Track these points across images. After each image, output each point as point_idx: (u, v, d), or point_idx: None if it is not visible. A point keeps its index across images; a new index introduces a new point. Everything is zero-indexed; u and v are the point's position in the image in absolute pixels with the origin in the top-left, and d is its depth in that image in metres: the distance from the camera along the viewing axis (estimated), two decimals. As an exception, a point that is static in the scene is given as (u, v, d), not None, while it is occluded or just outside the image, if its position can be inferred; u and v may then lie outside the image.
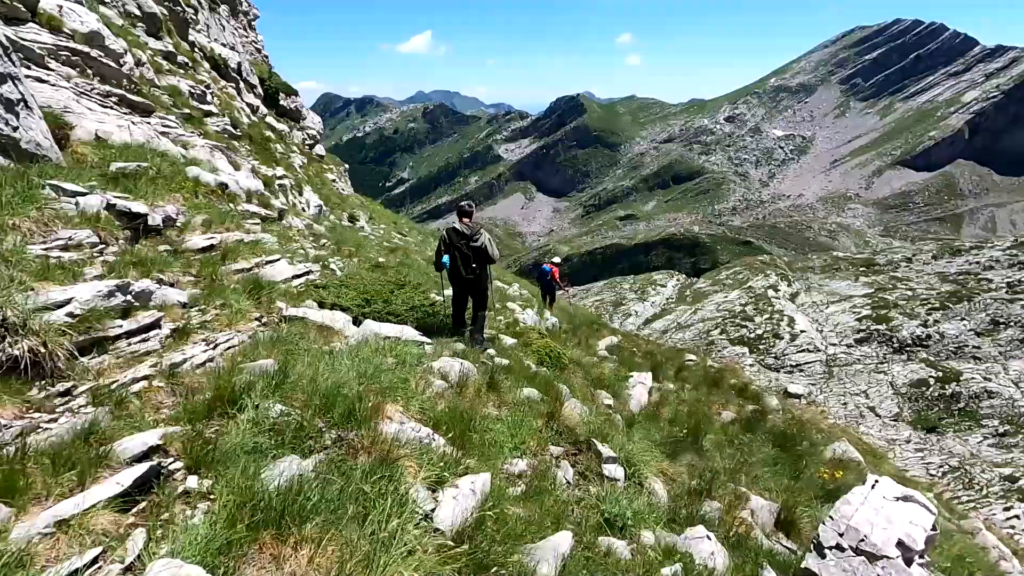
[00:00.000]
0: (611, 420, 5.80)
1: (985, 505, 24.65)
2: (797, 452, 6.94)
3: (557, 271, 16.83)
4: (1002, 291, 41.53)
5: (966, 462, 28.80)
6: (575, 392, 5.88)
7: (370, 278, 6.75)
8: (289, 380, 3.39)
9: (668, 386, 9.22)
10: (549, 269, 16.81)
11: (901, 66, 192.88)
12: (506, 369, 5.52)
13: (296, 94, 36.24)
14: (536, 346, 6.98)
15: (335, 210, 19.80)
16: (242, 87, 27.17)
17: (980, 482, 26.80)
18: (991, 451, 29.73)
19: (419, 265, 12.15)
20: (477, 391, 4.48)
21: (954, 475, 27.55)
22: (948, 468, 28.37)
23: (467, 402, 4.19)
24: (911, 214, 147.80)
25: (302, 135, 33.58)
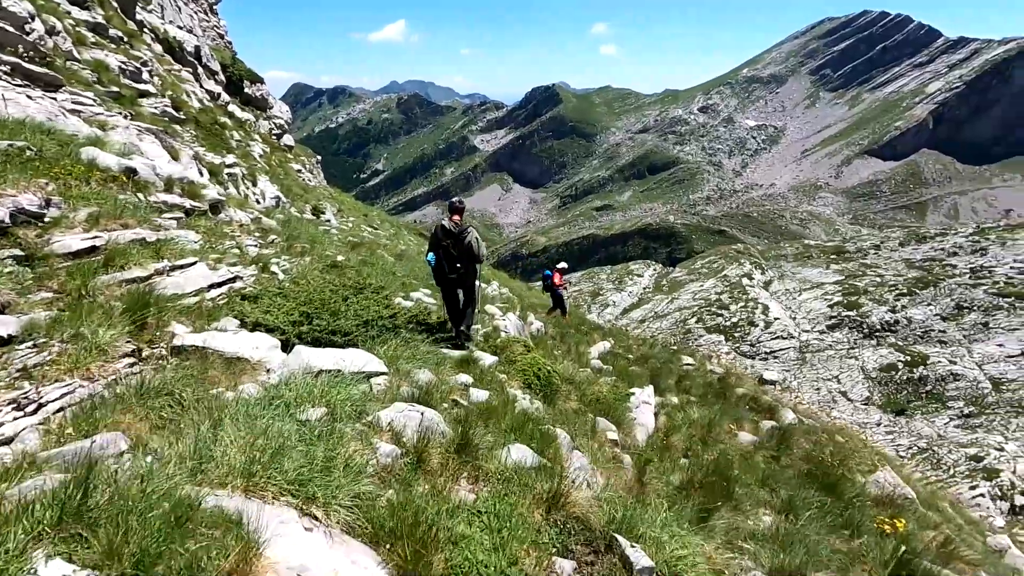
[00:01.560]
0: (620, 464, 4.62)
1: (952, 484, 25.18)
2: (840, 489, 5.81)
3: (559, 276, 15.62)
4: (965, 276, 42.56)
5: (933, 443, 29.41)
6: (575, 434, 4.57)
7: (320, 283, 5.97)
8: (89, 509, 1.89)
9: (671, 400, 8.37)
10: (551, 273, 15.71)
11: (868, 57, 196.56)
12: (486, 411, 4.07)
13: (262, 82, 34.98)
14: (521, 364, 5.82)
15: (296, 202, 18.87)
16: (201, 72, 25.88)
17: (947, 462, 27.40)
18: (956, 432, 30.42)
19: (386, 264, 11.36)
20: (444, 461, 3.07)
21: (922, 456, 28.10)
22: (916, 449, 28.95)
23: (427, 484, 2.86)
24: (878, 202, 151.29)
25: (269, 124, 32.32)
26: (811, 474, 5.85)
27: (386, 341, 4.63)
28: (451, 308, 6.80)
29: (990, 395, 32.28)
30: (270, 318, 4.35)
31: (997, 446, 27.90)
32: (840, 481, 5.94)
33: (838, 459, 6.62)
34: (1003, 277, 41.44)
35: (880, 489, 6.31)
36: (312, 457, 2.42)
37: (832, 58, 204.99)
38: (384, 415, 3.23)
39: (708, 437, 6.53)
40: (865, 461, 7.28)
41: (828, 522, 4.69)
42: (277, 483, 2.15)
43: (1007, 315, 37.23)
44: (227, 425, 2.50)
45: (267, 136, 30.27)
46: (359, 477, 2.45)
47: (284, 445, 2.43)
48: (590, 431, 5.05)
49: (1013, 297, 38.32)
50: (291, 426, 2.66)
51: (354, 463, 2.54)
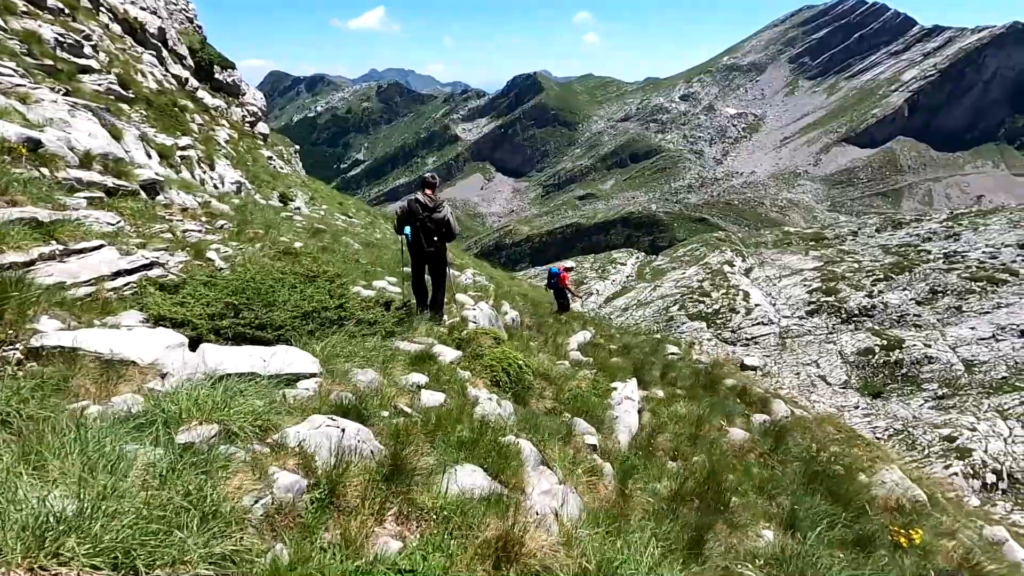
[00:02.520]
0: (599, 476, 3.92)
1: (927, 464, 25.47)
2: (846, 494, 5.28)
3: (567, 277, 15.01)
4: (939, 262, 43.15)
5: (909, 424, 29.79)
6: (546, 443, 3.81)
7: (263, 271, 5.30)
8: None
9: (657, 393, 7.77)
10: (558, 271, 14.99)
11: (846, 45, 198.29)
12: (437, 420, 3.34)
13: (233, 67, 33.71)
14: (489, 358, 5.24)
15: (263, 189, 17.97)
16: (167, 56, 24.75)
17: (922, 443, 27.74)
18: (931, 413, 30.82)
19: (349, 250, 10.62)
20: (366, 493, 2.31)
21: (898, 437, 28.43)
22: (893, 431, 29.28)
23: (339, 528, 2.14)
24: (856, 189, 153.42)
25: (242, 112, 31.20)
26: (814, 478, 5.31)
27: (327, 336, 3.96)
28: (418, 283, 6.79)
29: (963, 377, 32.77)
30: (182, 311, 3.64)
31: (969, 426, 28.32)
32: (845, 485, 5.43)
33: (840, 459, 6.11)
34: (975, 262, 42.08)
35: (888, 491, 5.80)
36: (157, 504, 1.68)
37: (811, 46, 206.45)
38: (295, 432, 2.48)
39: (697, 435, 5.96)
40: (865, 456, 6.82)
41: (836, 536, 4.16)
42: (86, 551, 1.39)
43: (979, 299, 37.79)
44: (48, 459, 1.74)
45: (239, 123, 29.21)
46: (231, 529, 1.75)
47: (114, 488, 1.66)
48: (565, 436, 4.37)
49: (985, 281, 38.91)
50: (152, 454, 1.94)
51: (230, 507, 1.84)
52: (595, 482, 3.73)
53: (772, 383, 30.90)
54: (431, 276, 6.86)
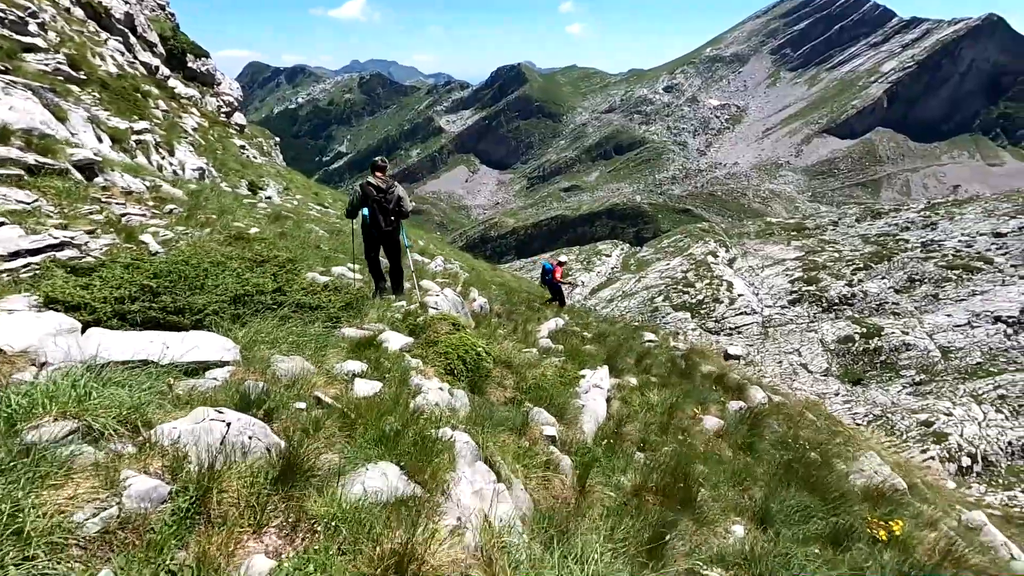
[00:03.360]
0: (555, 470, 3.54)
1: (905, 449, 25.85)
2: (822, 484, 5.01)
3: (560, 270, 14.87)
4: (917, 250, 43.78)
5: (888, 411, 30.23)
6: (487, 439, 3.32)
7: (201, 254, 4.90)
8: None
9: (630, 381, 7.42)
10: (551, 267, 14.84)
11: (826, 37, 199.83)
12: (364, 411, 2.89)
13: (207, 56, 32.84)
14: (445, 345, 4.92)
15: (230, 177, 17.37)
16: (135, 43, 24.00)
17: (900, 428, 28.17)
18: (909, 399, 31.32)
19: (312, 237, 10.15)
20: (247, 500, 1.94)
21: (877, 423, 28.84)
22: (872, 417, 29.70)
23: (200, 544, 1.75)
24: (836, 180, 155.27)
25: (217, 102, 30.39)
26: (789, 467, 5.01)
27: (258, 320, 3.57)
28: (373, 264, 7.04)
29: (939, 363, 33.32)
30: (82, 294, 3.22)
31: (946, 411, 28.80)
32: (822, 474, 5.16)
33: (816, 445, 5.85)
34: (951, 250, 42.76)
35: (867, 479, 5.59)
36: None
37: (792, 37, 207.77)
38: (170, 429, 2.08)
39: (669, 424, 5.67)
40: (844, 442, 6.60)
41: (812, 530, 3.88)
42: None
43: (955, 286, 38.40)
44: None
45: (213, 113, 28.51)
46: (33, 551, 1.35)
47: None
48: (521, 428, 4.00)
49: (960, 269, 39.54)
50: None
51: (50, 524, 1.45)
52: (550, 478, 3.38)
53: (755, 372, 31.10)
54: (388, 256, 7.09)
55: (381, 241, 6.88)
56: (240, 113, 33.70)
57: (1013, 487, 24.61)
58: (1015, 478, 25.17)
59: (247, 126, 38.58)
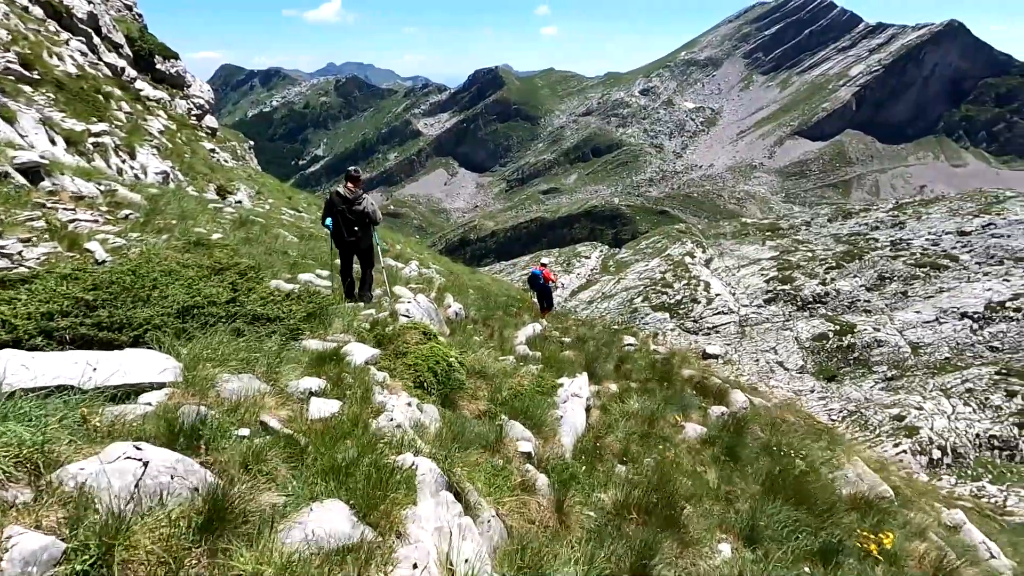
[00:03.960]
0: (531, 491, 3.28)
1: (878, 443, 26.41)
2: (809, 495, 4.79)
3: (549, 273, 15.16)
4: (886, 249, 44.94)
5: (861, 406, 30.85)
6: (453, 462, 2.97)
7: (151, 262, 4.56)
8: None
9: (610, 388, 7.26)
10: (540, 272, 15.09)
11: (797, 41, 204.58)
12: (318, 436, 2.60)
13: (177, 58, 32.06)
14: (414, 356, 4.63)
15: (197, 181, 16.82)
16: (99, 43, 23.35)
17: (873, 423, 28.78)
18: (881, 394, 32.04)
19: (280, 242, 9.77)
20: (152, 559, 1.60)
21: (852, 418, 29.43)
22: (847, 412, 30.29)
23: None
24: (808, 181, 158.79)
25: (187, 104, 29.66)
26: (774, 478, 4.83)
27: (207, 335, 3.27)
28: (345, 273, 7.11)
29: (910, 359, 34.18)
30: (2, 309, 2.88)
31: (916, 405, 29.52)
32: (809, 484, 4.99)
33: (800, 451, 5.74)
34: (919, 249, 43.98)
35: (853, 487, 5.47)
36: None
37: (764, 42, 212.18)
38: (77, 470, 1.75)
39: (650, 433, 5.51)
40: (827, 446, 6.51)
41: (801, 547, 3.72)
42: None
43: (923, 284, 39.49)
44: None
45: (184, 116, 27.87)
46: None
47: None
48: (494, 444, 3.75)
49: (928, 267, 40.69)
50: None
51: None
52: (526, 500, 3.16)
53: (733, 371, 31.42)
54: (360, 263, 7.20)
55: (350, 249, 7.00)
56: (212, 116, 32.92)
57: (981, 478, 25.30)
58: (983, 469, 25.87)
59: (219, 129, 37.72)
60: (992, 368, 31.34)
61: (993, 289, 36.60)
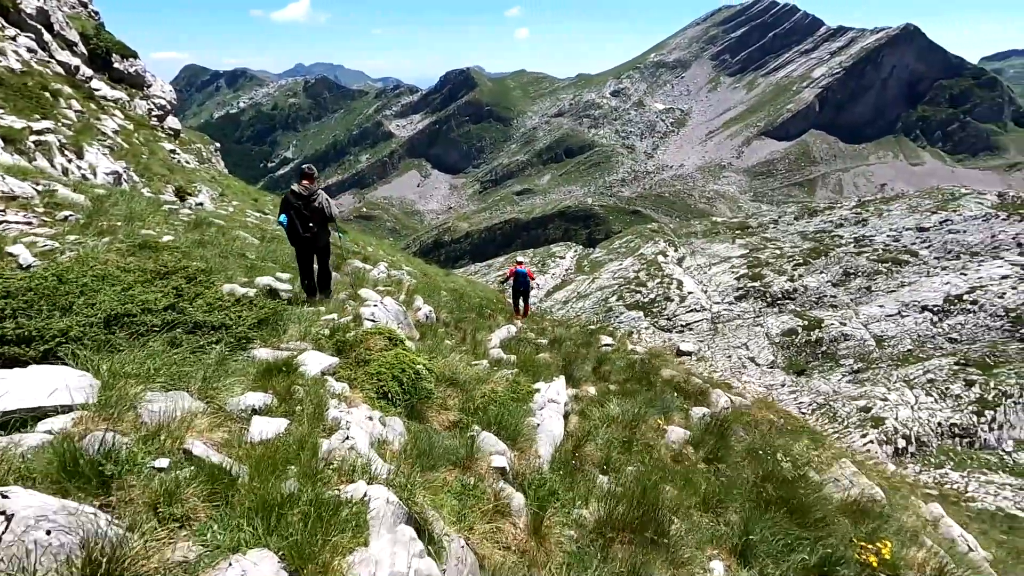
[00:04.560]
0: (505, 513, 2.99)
1: (846, 435, 27.00)
2: (803, 502, 4.57)
3: (532, 272, 15.66)
4: (850, 246, 46.17)
5: (830, 399, 31.54)
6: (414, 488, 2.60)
7: (85, 267, 4.11)
8: None
9: (588, 391, 7.01)
10: (525, 271, 15.47)
11: (761, 44, 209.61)
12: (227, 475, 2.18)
13: (136, 57, 30.90)
14: (378, 364, 4.29)
15: (154, 182, 16.08)
16: (50, 41, 22.35)
17: (841, 415, 29.43)
18: (848, 387, 32.82)
19: (238, 244, 9.25)
20: None
21: (821, 411, 30.04)
22: (816, 405, 30.92)
23: None
24: (775, 180, 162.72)
25: (147, 104, 28.60)
26: (763, 485, 4.59)
27: (135, 347, 2.87)
28: (304, 271, 7.05)
29: (874, 352, 35.12)
30: None
31: (882, 397, 30.32)
32: (799, 490, 4.74)
33: (785, 453, 5.56)
34: (881, 245, 45.34)
35: (844, 492, 5.27)
36: None
37: (730, 44, 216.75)
38: None
39: (632, 439, 5.27)
40: (814, 447, 6.37)
41: (798, 561, 3.49)
42: None
43: (886, 279, 40.67)
44: None
45: (144, 117, 26.90)
46: None
47: None
48: (465, 460, 3.41)
49: (890, 262, 41.95)
50: None
51: None
52: (500, 524, 2.84)
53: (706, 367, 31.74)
54: (316, 258, 7.14)
55: (306, 246, 6.95)
56: (174, 117, 31.79)
57: (944, 465, 26.06)
58: (945, 456, 26.67)
59: (182, 131, 36.40)
60: (951, 359, 32.42)
61: (951, 283, 37.90)
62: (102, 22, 31.79)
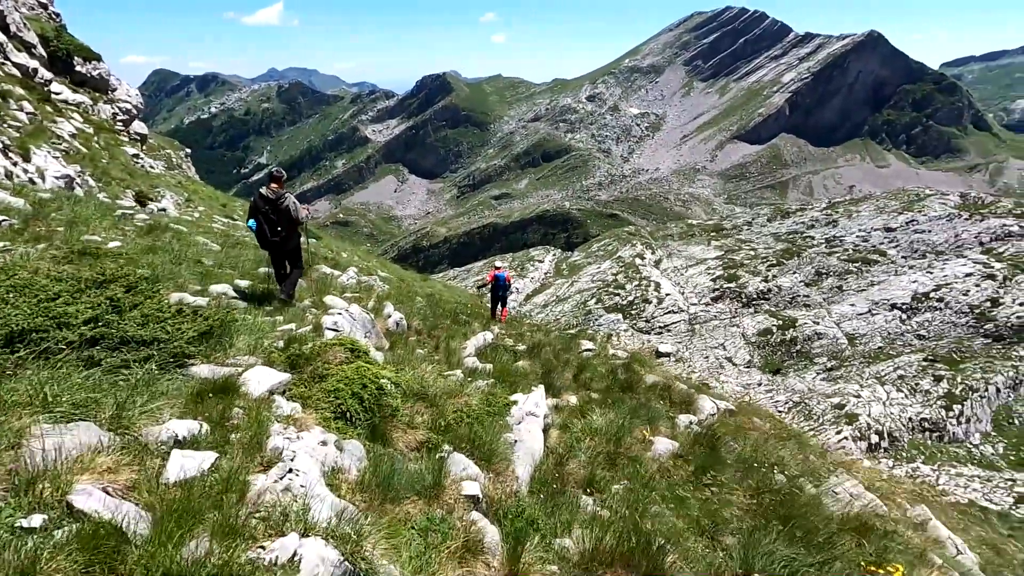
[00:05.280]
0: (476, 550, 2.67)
1: (822, 431, 27.31)
2: (804, 519, 4.30)
3: (511, 275, 16.14)
4: (822, 246, 47.08)
5: (805, 397, 31.92)
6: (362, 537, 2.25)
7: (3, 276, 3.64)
8: None
9: (569, 400, 6.69)
10: (505, 275, 15.91)
11: (732, 50, 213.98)
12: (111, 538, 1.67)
13: (99, 59, 30.03)
14: (336, 379, 3.90)
15: (111, 187, 15.41)
16: (5, 42, 21.63)
17: (816, 412, 29.79)
18: (823, 384, 33.28)
19: (195, 250, 8.72)
20: None
21: (796, 409, 30.39)
22: (792, 404, 31.26)
23: None
24: (748, 183, 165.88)
25: (112, 109, 27.75)
26: (761, 505, 4.24)
27: (41, 368, 2.44)
28: (278, 273, 7.25)
29: (847, 349, 35.74)
30: None
31: (855, 393, 30.80)
32: (801, 509, 4.42)
33: (779, 462, 5.28)
34: (852, 245, 46.32)
35: (845, 506, 4.97)
36: None
37: (702, 50, 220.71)
38: None
39: (617, 453, 4.95)
40: (811, 453, 6.14)
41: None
42: None
43: (856, 278, 41.52)
44: None
45: (108, 121, 26.07)
46: None
47: None
48: (431, 490, 3.03)
49: (860, 262, 42.86)
50: None
51: None
52: (471, 567, 2.47)
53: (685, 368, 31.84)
54: (288, 263, 7.26)
55: (275, 250, 7.05)
56: (140, 122, 30.80)
57: (915, 459, 26.53)
58: (916, 451, 27.15)
59: (150, 135, 35.24)
60: (920, 355, 33.15)
61: (918, 281, 38.85)
62: (63, 24, 30.66)
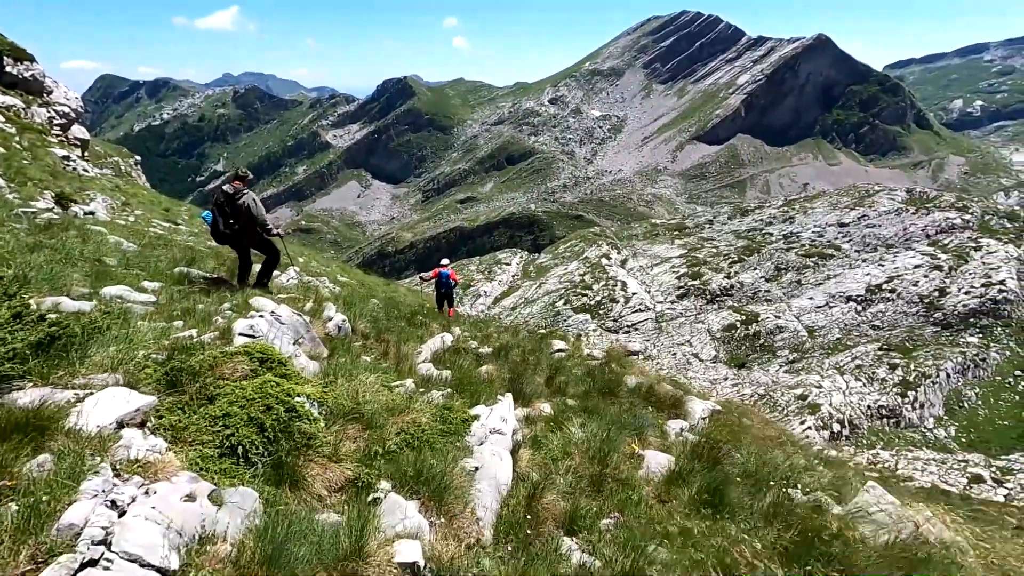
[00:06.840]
0: None
1: (786, 422, 27.94)
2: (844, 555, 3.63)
3: (455, 274, 16.28)
4: (780, 243, 48.43)
5: (769, 389, 32.64)
6: None
7: None
8: None
9: (542, 409, 5.84)
10: (448, 273, 15.95)
11: (689, 53, 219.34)
12: None
13: (32, 60, 28.36)
14: (228, 400, 3.09)
15: (26, 188, 14.54)
16: None
17: (781, 404, 30.50)
18: (786, 376, 34.12)
19: (103, 250, 8.11)
20: None
21: (762, 401, 31.03)
22: (757, 396, 31.92)
23: None
24: (707, 182, 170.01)
25: (47, 112, 26.20)
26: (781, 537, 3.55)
27: None
28: (242, 266, 7.63)
29: (807, 342, 36.79)
30: None
31: (816, 384, 31.66)
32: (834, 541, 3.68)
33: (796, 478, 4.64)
34: (808, 240, 47.76)
35: (888, 533, 3.99)
36: None
37: (660, 53, 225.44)
38: None
39: (603, 475, 4.14)
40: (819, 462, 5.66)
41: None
42: None
43: (813, 272, 42.85)
44: None
45: (41, 125, 24.71)
46: None
47: None
48: (348, 556, 2.26)
49: (816, 257, 44.25)
50: None
51: None
52: None
53: (653, 365, 32.06)
54: (263, 255, 7.68)
55: (229, 243, 7.34)
56: (81, 126, 29.21)
57: (875, 445, 27.41)
58: (875, 437, 28.08)
59: (94, 143, 33.49)
60: (875, 345, 34.32)
61: (871, 274, 40.27)
62: (-6, 26, 29.01)
